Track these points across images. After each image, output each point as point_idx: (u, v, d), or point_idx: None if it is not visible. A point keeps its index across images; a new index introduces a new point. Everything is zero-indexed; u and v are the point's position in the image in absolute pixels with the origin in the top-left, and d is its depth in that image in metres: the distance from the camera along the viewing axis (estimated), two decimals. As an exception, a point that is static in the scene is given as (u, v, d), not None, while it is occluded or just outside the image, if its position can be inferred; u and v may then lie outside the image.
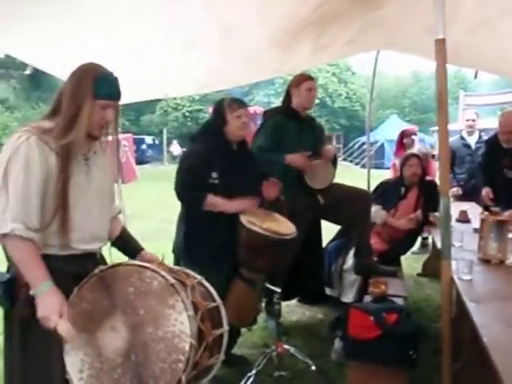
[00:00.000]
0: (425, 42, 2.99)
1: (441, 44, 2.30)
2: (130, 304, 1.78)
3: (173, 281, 1.77)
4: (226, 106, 2.96)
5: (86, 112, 1.82)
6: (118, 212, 2.22)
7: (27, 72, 3.76)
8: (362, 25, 3.92)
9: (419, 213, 4.20)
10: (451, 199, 5.72)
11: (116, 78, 1.91)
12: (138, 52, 3.39)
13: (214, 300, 1.99)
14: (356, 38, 4.25)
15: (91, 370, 1.78)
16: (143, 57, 3.49)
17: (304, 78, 3.70)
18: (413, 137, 6.14)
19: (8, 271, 1.87)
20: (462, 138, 5.82)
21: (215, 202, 2.85)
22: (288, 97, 3.72)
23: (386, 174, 6.62)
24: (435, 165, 5.79)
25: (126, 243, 2.18)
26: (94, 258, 1.99)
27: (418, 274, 5.53)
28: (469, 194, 5.37)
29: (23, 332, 1.84)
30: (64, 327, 1.70)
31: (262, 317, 3.77)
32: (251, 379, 2.94)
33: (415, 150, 5.79)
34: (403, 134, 6.22)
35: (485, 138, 5.49)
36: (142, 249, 2.18)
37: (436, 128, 2.55)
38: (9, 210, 1.71)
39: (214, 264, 2.80)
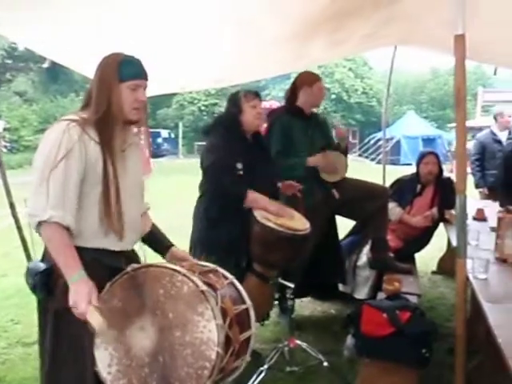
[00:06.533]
0: (443, 37, 2.94)
1: (460, 40, 2.25)
2: (160, 306, 1.78)
3: (203, 287, 1.76)
4: (241, 96, 3.02)
5: (116, 97, 1.84)
6: (147, 208, 2.20)
7: (45, 65, 3.79)
8: (379, 19, 3.87)
9: (435, 210, 4.15)
10: (479, 198, 5.63)
11: (139, 59, 1.93)
12: (155, 45, 3.40)
13: (243, 301, 1.97)
14: (373, 33, 4.20)
15: (119, 366, 1.80)
16: (160, 50, 3.49)
17: (316, 78, 3.75)
18: None
19: (42, 260, 1.89)
20: (493, 133, 5.70)
21: (256, 199, 2.87)
22: (293, 95, 3.71)
23: (402, 171, 6.56)
24: None
25: (156, 240, 2.18)
26: (128, 252, 2.01)
27: (433, 272, 5.48)
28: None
29: (57, 323, 1.86)
30: (94, 316, 1.72)
31: (274, 312, 3.77)
32: (263, 374, 2.94)
33: None
34: None
35: None
36: (172, 245, 2.17)
37: (454, 125, 2.52)
38: (48, 198, 1.73)
39: (228, 257, 2.81)
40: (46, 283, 1.83)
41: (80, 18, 2.90)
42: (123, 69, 1.86)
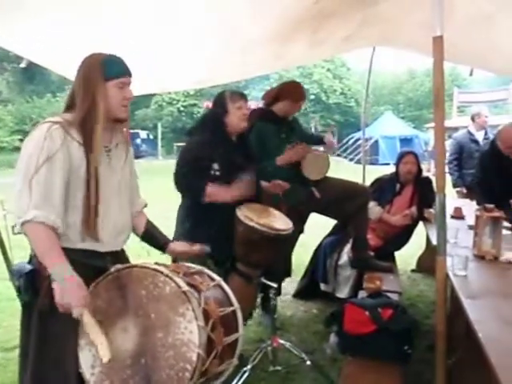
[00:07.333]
0: (422, 39, 2.99)
1: (438, 41, 2.29)
2: (142, 307, 1.78)
3: (185, 288, 1.76)
4: (227, 97, 2.98)
5: (102, 97, 1.84)
6: (144, 206, 2.21)
7: (22, 65, 3.72)
8: (360, 21, 3.91)
9: (414, 209, 4.22)
10: (457, 197, 5.73)
11: (120, 57, 1.94)
12: (136, 46, 3.37)
13: (230, 303, 1.97)
14: (353, 34, 4.24)
15: (102, 367, 1.80)
16: (141, 51, 3.47)
17: (303, 97, 3.79)
18: None
19: (29, 262, 1.88)
20: (470, 133, 5.81)
21: (215, 192, 2.84)
22: (274, 101, 3.71)
23: (382, 170, 6.64)
24: None
25: (152, 237, 2.19)
26: (116, 253, 2.00)
27: (412, 270, 5.56)
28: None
29: (42, 324, 1.85)
30: (88, 320, 1.73)
31: (257, 312, 3.78)
32: (246, 374, 2.94)
33: None
34: None
35: (491, 135, 5.45)
36: (170, 241, 2.20)
37: (430, 125, 2.56)
38: (31, 199, 1.72)
39: (211, 257, 2.80)
40: (31, 284, 1.82)
41: (59, 18, 2.86)
42: (108, 68, 1.86)
